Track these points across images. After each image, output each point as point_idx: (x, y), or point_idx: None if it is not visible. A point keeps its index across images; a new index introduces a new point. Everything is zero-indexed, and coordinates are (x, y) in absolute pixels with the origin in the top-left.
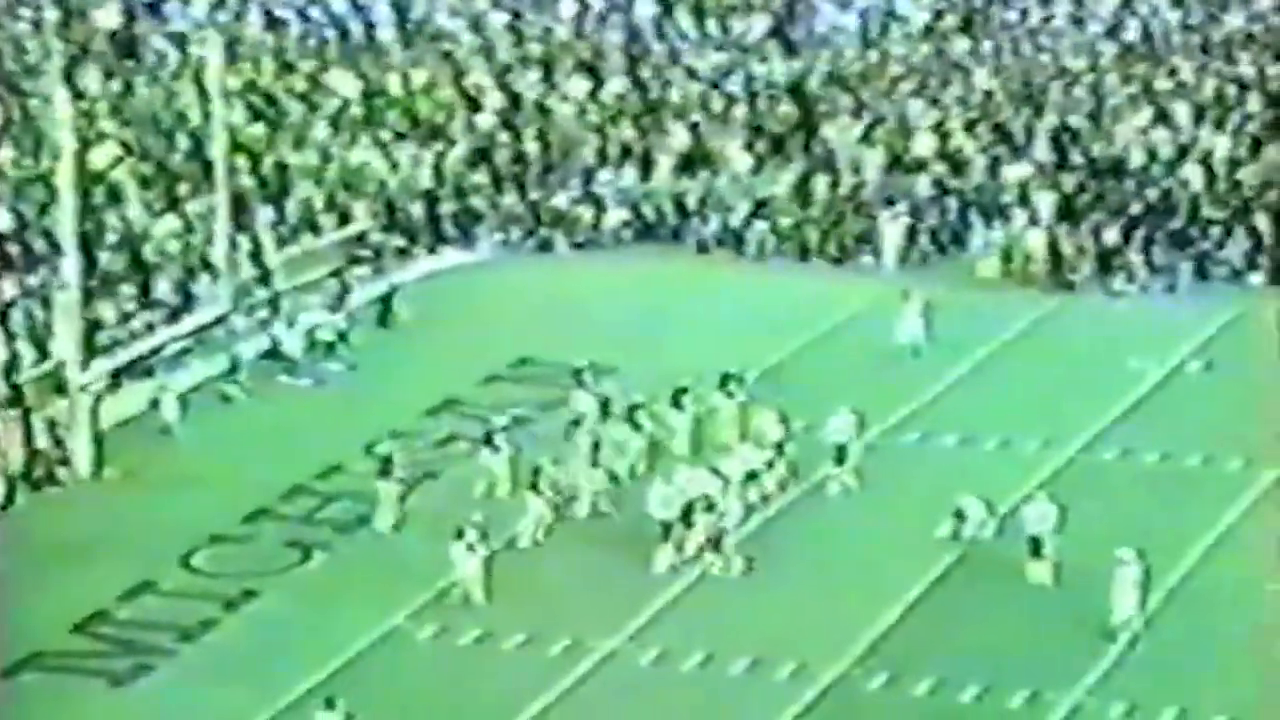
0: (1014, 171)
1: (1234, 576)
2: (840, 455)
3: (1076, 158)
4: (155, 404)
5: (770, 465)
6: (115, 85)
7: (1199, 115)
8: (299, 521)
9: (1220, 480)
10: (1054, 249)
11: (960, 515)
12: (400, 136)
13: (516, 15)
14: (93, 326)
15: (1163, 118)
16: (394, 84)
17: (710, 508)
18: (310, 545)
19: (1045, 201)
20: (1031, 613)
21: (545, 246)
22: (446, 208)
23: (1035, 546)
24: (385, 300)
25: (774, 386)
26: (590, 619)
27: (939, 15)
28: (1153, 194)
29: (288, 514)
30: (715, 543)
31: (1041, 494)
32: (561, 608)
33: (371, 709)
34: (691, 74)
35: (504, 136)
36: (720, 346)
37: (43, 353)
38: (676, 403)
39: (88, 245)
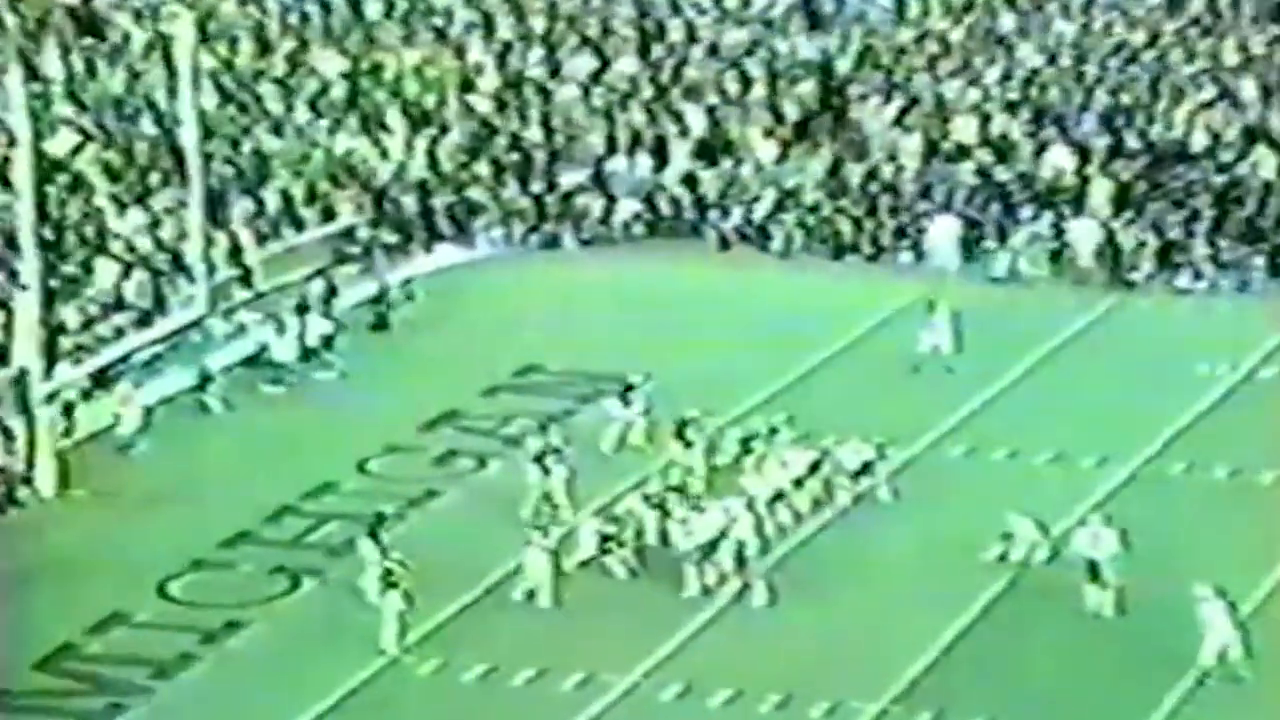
0: (1064, 158)
1: None
2: (860, 474)
3: (1133, 142)
4: (117, 418)
5: (800, 484)
6: (76, 65)
7: (1268, 93)
8: (286, 546)
9: None
10: (1109, 243)
11: (1010, 537)
12: (384, 127)
13: None
14: (55, 332)
15: (1228, 96)
16: (383, 64)
17: (733, 531)
18: (298, 572)
19: (1099, 191)
20: (1090, 645)
21: (551, 243)
22: (441, 200)
23: (1094, 571)
24: (376, 302)
25: (803, 397)
26: (606, 651)
27: None
28: (1219, 181)
29: (273, 537)
30: (738, 568)
31: (1099, 513)
32: (574, 639)
33: None
34: (710, 52)
35: (504, 122)
36: (743, 353)
37: (1, 360)
38: (681, 434)
39: (47, 243)
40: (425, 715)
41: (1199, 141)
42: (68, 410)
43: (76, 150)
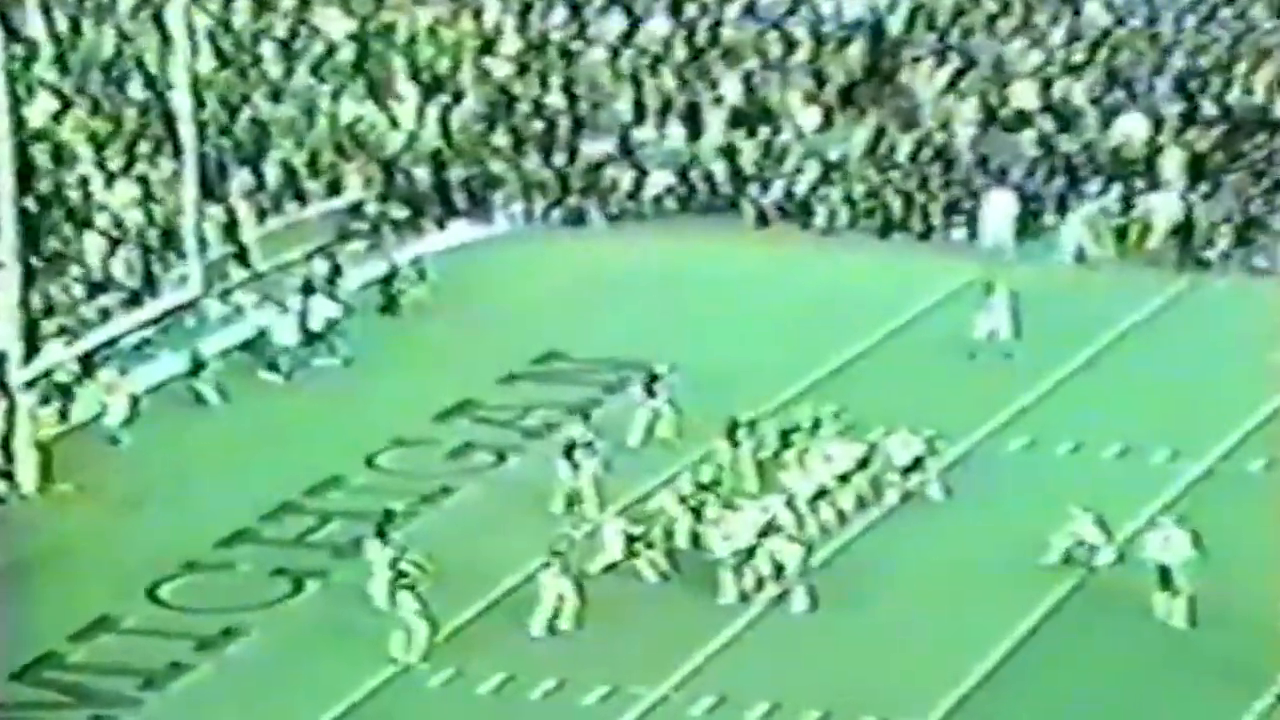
0: (1134, 126)
1: None
2: (909, 470)
3: (1210, 108)
4: (103, 407)
5: (845, 480)
6: (59, 25)
7: None
8: (287, 545)
9: None
10: (1184, 219)
11: (1074, 538)
12: (395, 94)
13: None
14: (37, 314)
15: None
16: (393, 24)
17: (772, 532)
18: (301, 574)
19: (1172, 161)
20: (1161, 658)
21: (575, 218)
22: (457, 173)
23: (1165, 577)
24: (385, 283)
25: (848, 386)
26: (633, 661)
27: None
28: None
29: (274, 537)
30: (777, 572)
31: (1171, 514)
32: (598, 648)
33: None
34: (747, 10)
35: (524, 88)
36: (783, 339)
37: None
38: (732, 435)
39: (28, 217)
40: None
41: None
42: (62, 392)
43: (58, 116)
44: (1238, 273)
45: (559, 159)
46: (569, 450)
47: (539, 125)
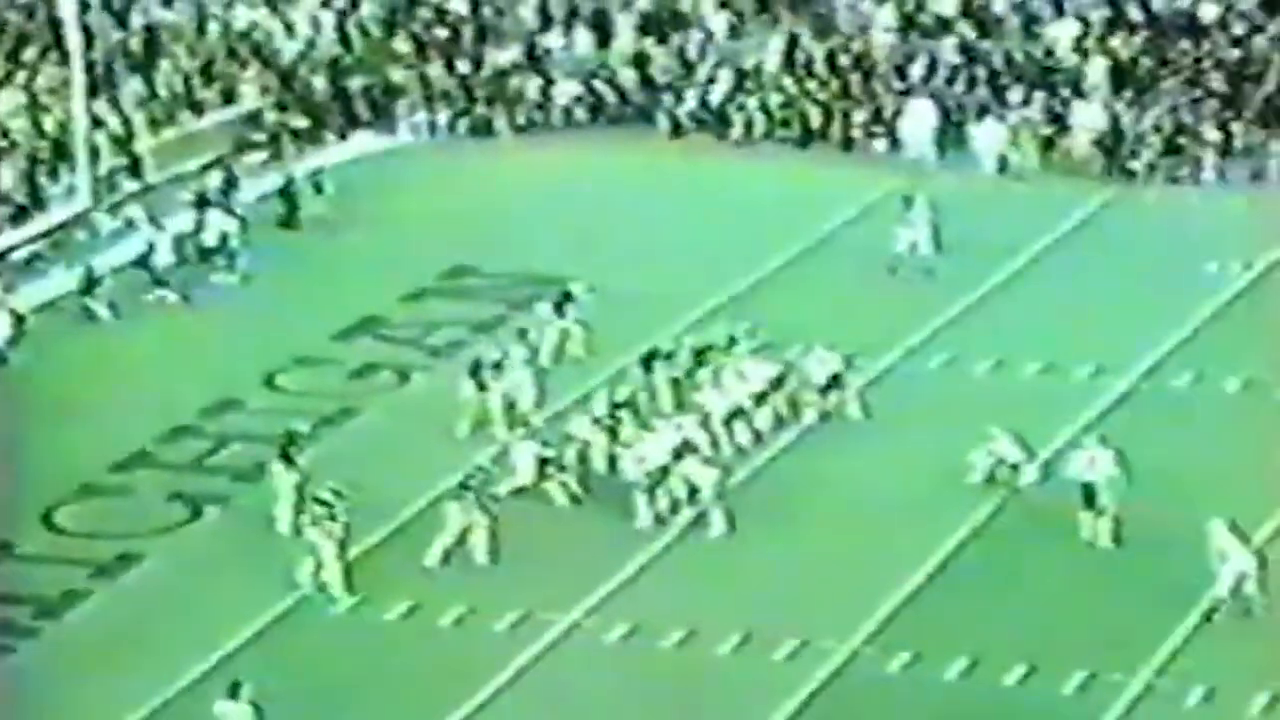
0: (1058, 31)
1: None
2: (828, 389)
3: (1135, 13)
4: None
5: (761, 399)
6: None
7: None
8: (185, 469)
9: None
10: (1110, 128)
11: (994, 457)
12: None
13: None
14: None
15: None
16: None
17: (687, 454)
18: (200, 499)
19: (1097, 69)
20: (1086, 577)
21: (481, 129)
22: (357, 81)
23: (1089, 496)
24: (284, 196)
25: (765, 302)
26: (544, 588)
27: None
28: (1232, 57)
29: (171, 460)
30: (692, 494)
31: (1095, 432)
32: (508, 574)
33: (280, 698)
34: None
35: None
36: (698, 253)
37: None
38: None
39: None
40: (340, 659)
41: (1209, 12)
42: None
43: None
44: (1164, 184)
45: (463, 67)
46: (474, 370)
47: (442, 32)
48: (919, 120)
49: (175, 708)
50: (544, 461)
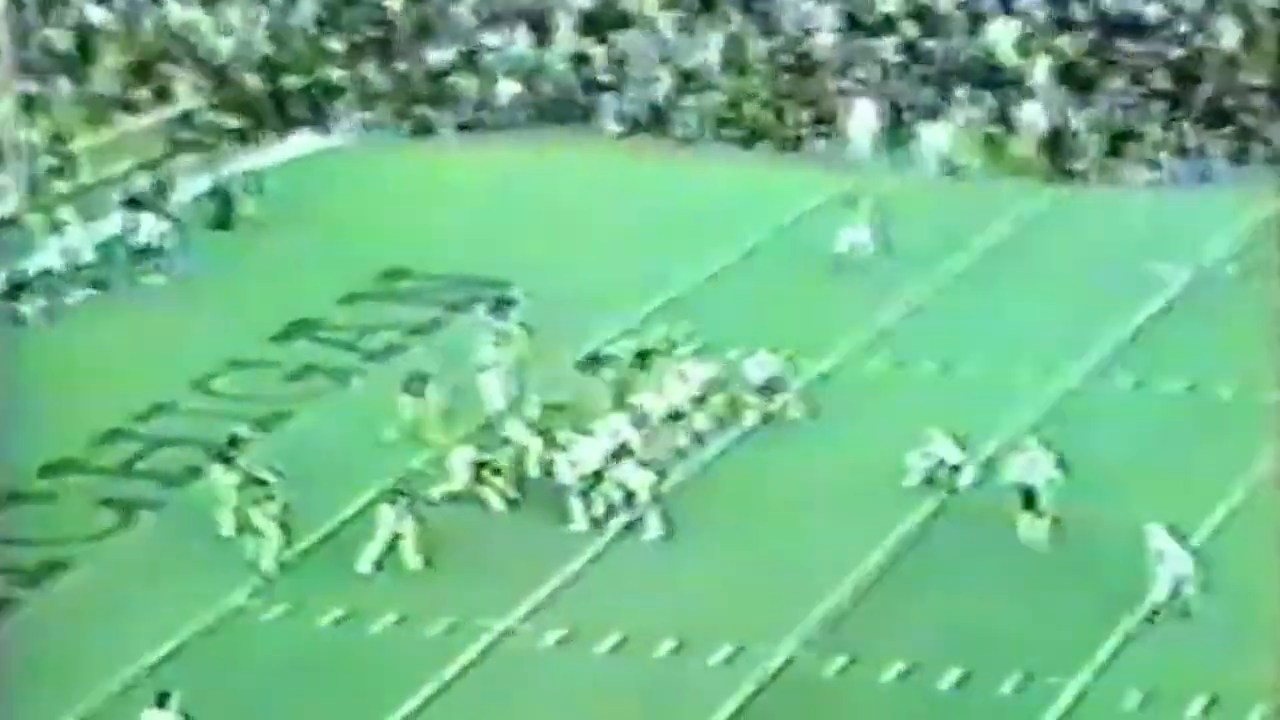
0: (1000, 30)
1: (1278, 532)
2: (768, 390)
3: (1080, 12)
4: None
5: (701, 401)
6: None
7: None
8: (116, 474)
9: (1259, 413)
10: (1054, 128)
11: (931, 459)
12: None
13: None
14: None
15: None
16: None
17: (624, 457)
18: (131, 504)
19: (1041, 68)
20: (1024, 579)
21: (419, 129)
22: (292, 81)
23: (1028, 498)
24: (219, 196)
25: (706, 303)
26: (478, 593)
27: None
28: (1177, 55)
29: (102, 465)
30: (628, 498)
31: (1035, 434)
32: (442, 580)
33: (210, 706)
34: None
35: None
36: (639, 254)
37: None
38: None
39: None
40: (271, 667)
41: (1154, 12)
42: None
43: None
44: (1109, 184)
45: (401, 65)
46: (410, 382)
47: (378, 30)
48: (863, 120)
49: (103, 718)
50: (479, 465)
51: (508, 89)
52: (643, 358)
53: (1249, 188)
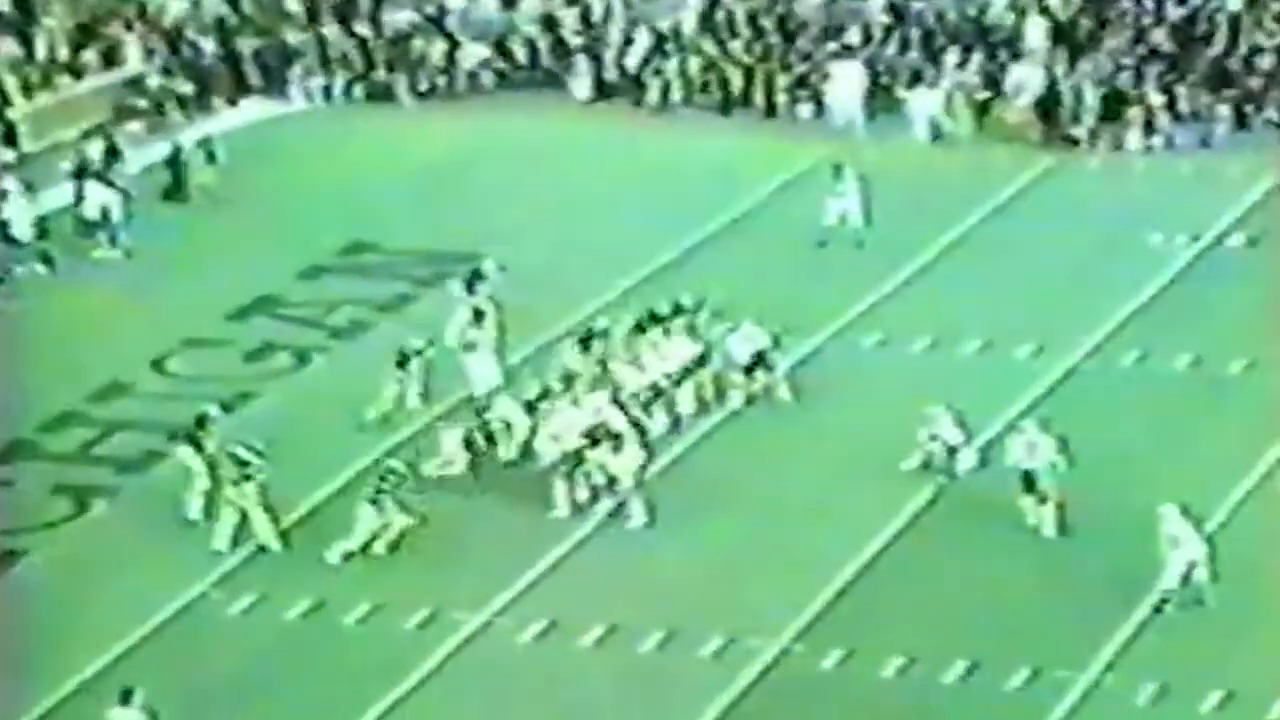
0: None
1: None
2: (754, 369)
3: None
4: None
5: (683, 380)
6: None
7: None
8: (69, 460)
9: (1268, 389)
10: (1048, 92)
11: (931, 440)
12: None
13: None
14: None
15: None
16: None
17: (603, 440)
18: (86, 491)
19: (1035, 29)
20: (1029, 567)
21: (381, 95)
22: (247, 44)
23: (1029, 482)
24: (171, 166)
25: (686, 277)
26: (455, 584)
27: None
28: (1178, 15)
29: (54, 450)
30: (610, 485)
31: (1035, 415)
32: (417, 570)
33: (174, 702)
34: None
35: None
36: (615, 226)
37: None
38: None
39: None
40: (238, 660)
41: None
42: None
43: None
44: (1107, 151)
45: (361, 28)
46: (402, 360)
47: None
48: (847, 85)
49: (62, 715)
50: (469, 443)
51: (474, 52)
52: (643, 325)
53: (1253, 156)
